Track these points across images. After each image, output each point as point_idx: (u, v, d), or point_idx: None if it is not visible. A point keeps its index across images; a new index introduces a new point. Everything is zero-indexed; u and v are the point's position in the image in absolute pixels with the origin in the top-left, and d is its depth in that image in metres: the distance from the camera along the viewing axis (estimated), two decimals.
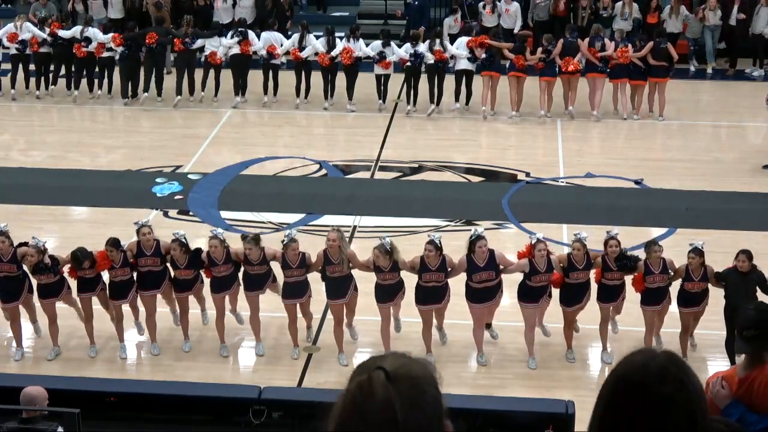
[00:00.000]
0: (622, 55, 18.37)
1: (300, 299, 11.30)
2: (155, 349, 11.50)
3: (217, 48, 19.25)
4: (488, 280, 10.94)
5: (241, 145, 17.98)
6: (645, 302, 11.18)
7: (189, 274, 11.30)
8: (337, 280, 11.11)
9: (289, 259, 11.07)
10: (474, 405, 9.72)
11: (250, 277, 11.26)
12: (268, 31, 19.51)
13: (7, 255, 11.06)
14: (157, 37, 19.23)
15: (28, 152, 17.74)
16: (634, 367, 2.68)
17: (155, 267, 11.24)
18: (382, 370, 2.49)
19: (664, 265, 11.05)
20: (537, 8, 22.30)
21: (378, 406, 2.45)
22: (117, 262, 11.12)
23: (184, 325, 11.58)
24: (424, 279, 10.97)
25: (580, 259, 11.00)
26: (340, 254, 10.96)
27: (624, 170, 16.54)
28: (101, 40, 19.32)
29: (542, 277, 10.94)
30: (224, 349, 11.52)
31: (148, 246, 11.18)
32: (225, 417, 9.76)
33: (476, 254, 10.86)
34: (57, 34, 19.47)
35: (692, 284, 11.02)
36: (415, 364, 2.56)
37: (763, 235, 14.04)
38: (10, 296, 11.23)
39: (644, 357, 2.72)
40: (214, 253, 11.10)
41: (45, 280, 11.12)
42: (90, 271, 11.15)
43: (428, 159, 17.19)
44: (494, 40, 18.89)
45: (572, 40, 18.69)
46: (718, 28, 21.88)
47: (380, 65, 18.88)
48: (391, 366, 2.51)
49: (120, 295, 11.34)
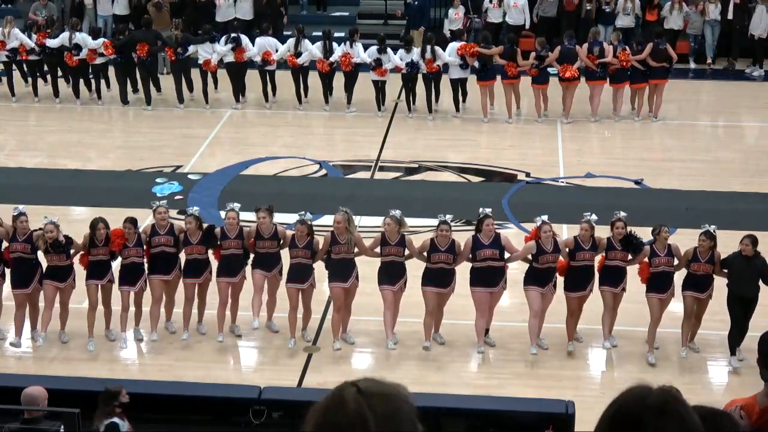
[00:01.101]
0: (623, 59, 18.28)
1: (302, 284, 11.37)
2: (154, 335, 11.57)
3: (210, 55, 19.05)
4: (492, 259, 11.06)
5: (241, 145, 17.98)
6: (650, 289, 11.20)
7: (201, 251, 11.46)
8: (341, 263, 11.25)
9: (298, 238, 11.24)
10: (474, 405, 9.73)
11: (259, 257, 11.40)
12: (263, 37, 19.13)
13: (23, 235, 11.20)
14: (148, 49, 18.97)
15: (28, 152, 17.73)
16: (633, 401, 2.66)
17: (168, 247, 11.41)
18: (354, 386, 2.49)
19: (670, 249, 11.12)
20: (544, 3, 22.14)
21: (350, 419, 2.44)
22: (131, 241, 11.31)
23: (186, 314, 11.63)
24: (432, 260, 11.15)
25: (587, 240, 11.13)
26: (347, 234, 11.13)
27: (624, 170, 16.54)
28: (92, 47, 19.00)
29: (549, 258, 11.07)
30: (221, 335, 11.60)
31: (162, 225, 11.42)
32: (225, 417, 9.77)
33: (483, 232, 11.10)
34: (45, 45, 19.11)
35: (698, 265, 11.03)
36: (387, 384, 2.55)
37: (763, 235, 14.02)
38: (21, 282, 11.33)
39: (642, 391, 2.69)
40: (228, 227, 11.36)
41: (56, 261, 11.21)
42: (103, 250, 11.25)
43: (428, 159, 17.19)
44: (483, 47, 18.53)
45: (570, 47, 18.42)
46: (717, 23, 21.88)
47: (376, 72, 18.80)
48: (363, 384, 2.51)
49: (129, 281, 11.44)
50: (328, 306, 12.20)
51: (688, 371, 11.15)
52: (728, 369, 11.19)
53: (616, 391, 2.76)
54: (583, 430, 9.05)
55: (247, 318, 11.65)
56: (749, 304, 11.01)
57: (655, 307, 11.21)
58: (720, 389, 10.99)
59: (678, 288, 11.23)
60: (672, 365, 11.27)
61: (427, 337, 11.36)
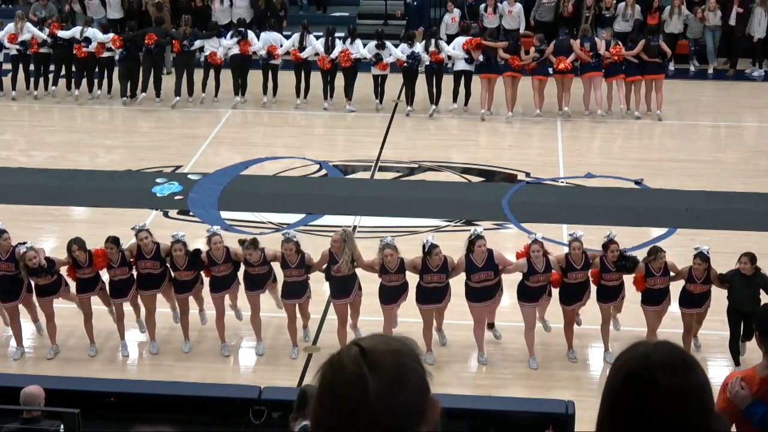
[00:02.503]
0: (614, 53, 18.37)
1: (298, 299, 11.32)
2: (154, 348, 11.52)
3: (216, 48, 19.24)
4: (487, 280, 10.97)
5: (241, 145, 17.98)
6: (645, 302, 11.17)
7: (189, 275, 11.29)
8: (342, 280, 11.14)
9: (288, 259, 11.10)
10: (474, 405, 9.72)
11: (251, 277, 11.29)
12: (268, 32, 19.46)
13: (6, 253, 11.07)
14: (156, 38, 19.21)
15: (28, 152, 17.74)
16: (639, 362, 2.59)
17: (155, 270, 11.24)
18: (357, 345, 2.37)
19: (666, 268, 11.02)
20: (541, 8, 22.14)
21: (348, 382, 2.31)
22: (115, 261, 11.11)
23: (184, 325, 11.58)
24: (425, 280, 11.00)
25: (578, 259, 10.99)
26: (343, 255, 10.97)
27: (624, 170, 16.53)
28: (101, 40, 19.32)
29: (540, 278, 10.95)
30: (225, 348, 11.52)
31: (147, 250, 11.16)
32: (225, 417, 9.76)
33: (475, 254, 10.89)
34: (57, 35, 19.47)
35: (695, 286, 10.98)
36: (394, 340, 2.43)
37: (763, 235, 14.03)
38: (9, 296, 11.22)
39: (646, 348, 2.63)
40: (214, 253, 11.11)
41: (42, 281, 11.13)
42: (88, 269, 11.14)
43: (428, 159, 17.19)
44: (489, 41, 18.87)
45: (563, 38, 18.71)
46: (718, 28, 21.85)
47: (377, 67, 18.85)
48: (367, 343, 2.38)
49: (120, 294, 11.35)
50: (328, 306, 12.19)
51: None
52: (729, 370, 11.17)
53: None
54: (583, 430, 9.05)
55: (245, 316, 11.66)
56: (748, 318, 10.94)
57: (651, 318, 11.17)
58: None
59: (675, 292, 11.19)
60: None
61: (428, 348, 11.25)
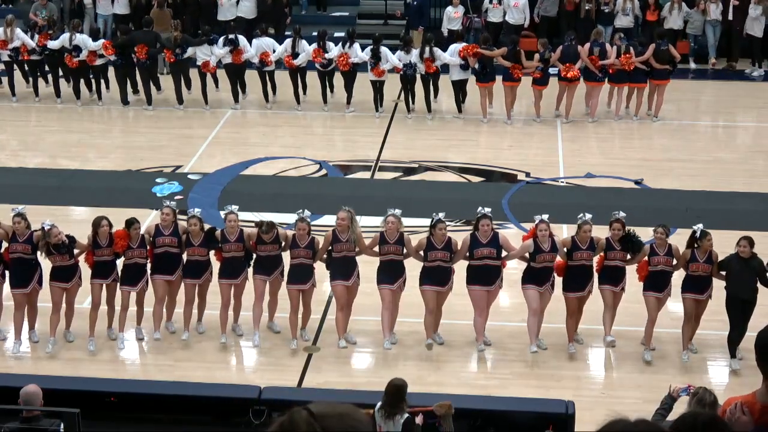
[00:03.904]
0: (624, 62, 18.22)
1: (304, 285, 11.40)
2: (157, 334, 11.58)
3: (209, 57, 19.03)
4: (489, 257, 11.10)
5: (240, 145, 17.98)
6: (647, 288, 11.22)
7: (203, 254, 11.47)
8: (343, 261, 11.28)
9: (299, 239, 11.27)
10: (474, 405, 9.72)
11: (261, 261, 11.42)
12: (260, 38, 19.08)
13: (23, 236, 11.18)
14: (147, 50, 18.96)
15: (28, 152, 17.73)
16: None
17: (172, 247, 11.44)
18: (305, 409, 2.46)
19: (670, 249, 11.14)
20: (545, 2, 22.16)
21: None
22: (135, 241, 11.31)
23: (187, 316, 11.65)
24: (429, 258, 11.18)
25: (584, 240, 11.13)
26: (349, 233, 11.16)
27: (624, 170, 16.54)
28: (91, 48, 18.99)
29: (546, 257, 11.08)
30: (223, 336, 11.62)
31: (166, 225, 11.44)
32: (225, 417, 9.77)
33: (480, 232, 11.12)
34: (46, 46, 19.15)
35: (697, 265, 11.03)
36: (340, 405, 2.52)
37: (763, 235, 14.03)
38: (20, 281, 11.32)
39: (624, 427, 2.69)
40: (228, 230, 11.37)
41: (59, 262, 11.22)
42: (108, 251, 11.28)
43: (428, 159, 17.19)
44: (485, 49, 18.46)
45: (569, 43, 18.40)
46: (719, 24, 21.86)
47: (374, 72, 18.76)
48: (315, 407, 2.48)
49: (130, 281, 11.46)
50: (328, 306, 12.21)
51: (688, 371, 11.14)
52: (728, 370, 11.19)
53: (616, 391, 2.76)
54: (583, 430, 9.06)
55: (248, 318, 11.67)
56: (748, 306, 10.99)
57: (651, 306, 11.23)
58: (720, 389, 10.95)
59: (677, 289, 11.23)
60: (672, 365, 11.26)
61: (428, 335, 11.38)
